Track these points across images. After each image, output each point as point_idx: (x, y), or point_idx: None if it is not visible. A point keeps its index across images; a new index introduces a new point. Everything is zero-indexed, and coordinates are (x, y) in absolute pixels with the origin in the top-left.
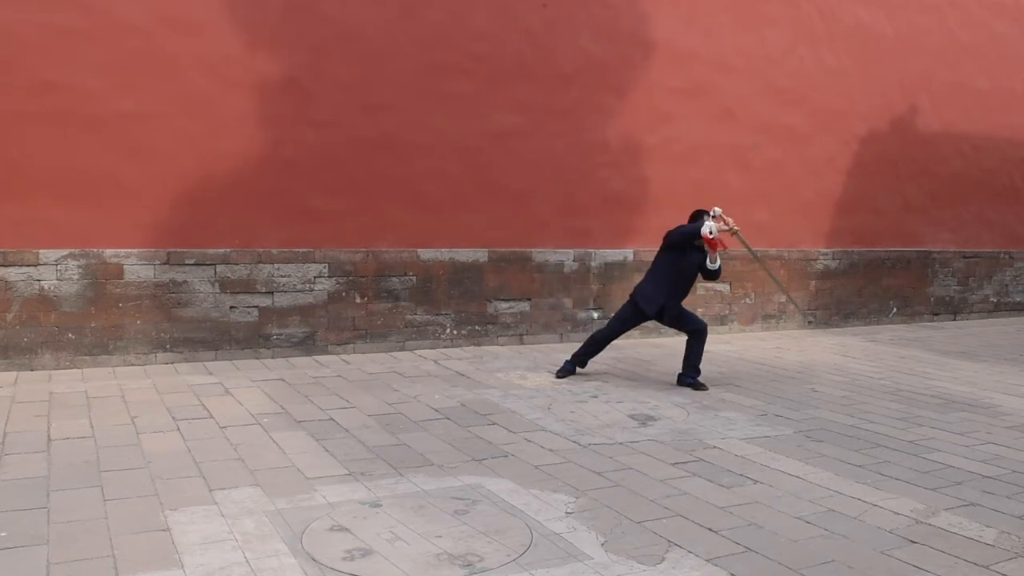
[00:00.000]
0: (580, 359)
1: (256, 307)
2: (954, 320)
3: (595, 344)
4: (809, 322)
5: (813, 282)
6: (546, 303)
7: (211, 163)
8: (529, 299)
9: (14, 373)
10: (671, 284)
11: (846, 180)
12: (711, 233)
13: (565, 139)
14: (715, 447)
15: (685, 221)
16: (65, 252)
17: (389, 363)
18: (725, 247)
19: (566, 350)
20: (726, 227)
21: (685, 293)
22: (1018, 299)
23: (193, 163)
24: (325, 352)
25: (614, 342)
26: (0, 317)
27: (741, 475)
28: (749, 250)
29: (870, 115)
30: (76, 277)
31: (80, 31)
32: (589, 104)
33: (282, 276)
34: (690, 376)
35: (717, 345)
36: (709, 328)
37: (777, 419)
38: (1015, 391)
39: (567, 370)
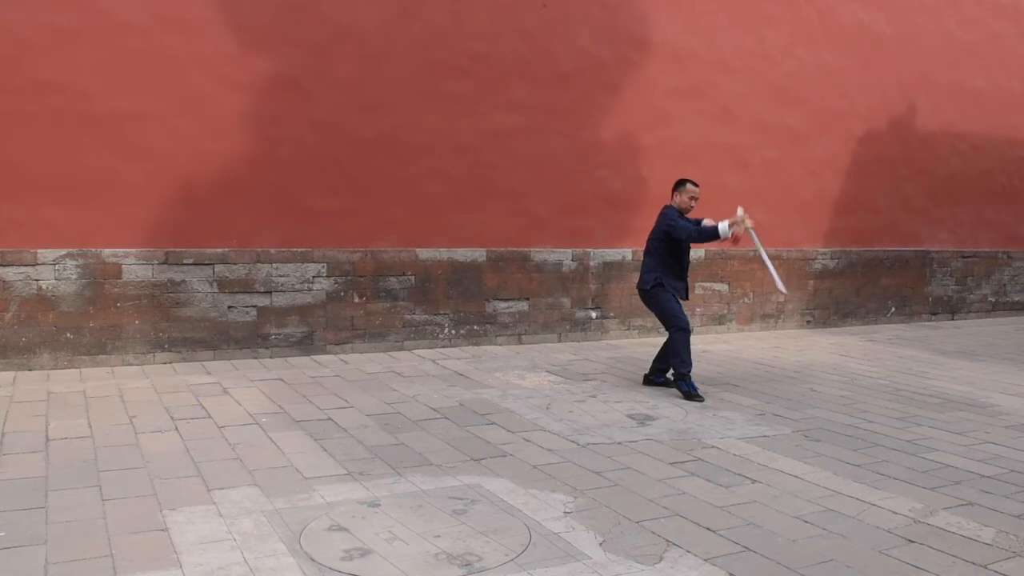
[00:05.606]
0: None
1: (254, 307)
2: (952, 320)
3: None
4: (808, 322)
5: (811, 282)
6: (545, 303)
7: (209, 163)
8: (528, 299)
9: (12, 373)
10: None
11: (845, 180)
12: (726, 236)
13: (564, 139)
14: (713, 447)
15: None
16: (63, 252)
17: (387, 363)
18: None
19: (565, 350)
20: (741, 228)
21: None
22: (1016, 298)
23: (191, 163)
24: (323, 352)
25: (614, 342)
26: None
27: (739, 475)
28: (759, 248)
29: (869, 115)
30: (74, 277)
31: (80, 31)
32: (588, 104)
33: (280, 276)
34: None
35: (716, 345)
36: (708, 328)
37: (775, 419)
38: (1013, 390)
39: (690, 390)
